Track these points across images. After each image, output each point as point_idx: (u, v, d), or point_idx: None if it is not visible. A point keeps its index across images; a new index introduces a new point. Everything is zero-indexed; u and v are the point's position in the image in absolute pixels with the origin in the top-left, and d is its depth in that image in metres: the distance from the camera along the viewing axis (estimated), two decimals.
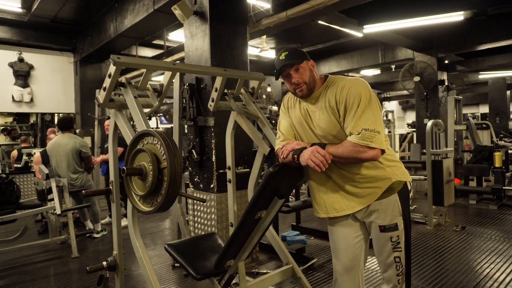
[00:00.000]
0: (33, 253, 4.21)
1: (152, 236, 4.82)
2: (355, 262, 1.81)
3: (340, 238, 1.82)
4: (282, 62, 1.69)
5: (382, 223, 1.72)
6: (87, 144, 4.77)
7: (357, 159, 1.59)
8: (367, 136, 1.55)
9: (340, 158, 1.61)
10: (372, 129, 1.56)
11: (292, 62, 1.68)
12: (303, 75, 1.69)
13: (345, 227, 1.81)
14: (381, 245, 1.76)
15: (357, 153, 1.56)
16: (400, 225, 1.73)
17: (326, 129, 1.68)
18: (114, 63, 1.76)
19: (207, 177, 3.57)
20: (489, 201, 6.01)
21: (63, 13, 6.22)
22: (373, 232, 1.77)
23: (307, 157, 1.56)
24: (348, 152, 1.58)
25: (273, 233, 2.34)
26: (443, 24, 6.51)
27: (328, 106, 1.67)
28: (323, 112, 1.69)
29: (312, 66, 1.75)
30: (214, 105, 2.39)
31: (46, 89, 7.47)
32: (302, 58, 1.70)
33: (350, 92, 1.61)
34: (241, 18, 3.80)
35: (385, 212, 1.71)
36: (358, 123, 1.57)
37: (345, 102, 1.61)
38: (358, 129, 1.56)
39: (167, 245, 2.14)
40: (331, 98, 1.66)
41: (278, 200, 1.77)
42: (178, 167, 1.46)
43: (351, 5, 4.79)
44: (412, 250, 3.88)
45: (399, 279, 1.77)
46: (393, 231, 1.72)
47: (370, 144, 1.55)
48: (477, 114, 18.45)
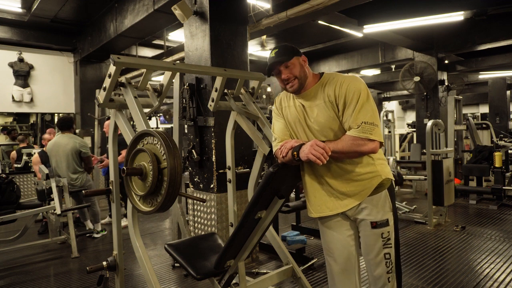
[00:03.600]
0: (33, 253, 4.21)
1: (152, 236, 4.82)
2: (351, 261, 1.81)
3: (334, 238, 1.82)
4: (271, 60, 1.73)
5: (374, 219, 1.72)
6: (87, 144, 4.77)
7: (357, 152, 1.62)
8: (367, 129, 1.59)
9: (340, 153, 1.63)
10: (371, 122, 1.60)
11: (281, 60, 1.70)
12: (293, 70, 1.71)
13: (338, 227, 1.81)
14: (371, 242, 1.75)
15: (357, 146, 1.60)
16: (390, 221, 1.74)
17: (325, 124, 1.70)
18: (114, 63, 1.76)
19: (207, 177, 3.57)
20: (489, 201, 6.01)
21: (63, 13, 6.22)
22: (364, 230, 1.76)
23: (307, 151, 1.56)
24: (348, 147, 1.60)
25: (273, 233, 2.34)
26: (443, 24, 6.51)
27: (328, 101, 1.69)
28: (322, 107, 1.70)
29: (304, 61, 1.76)
30: (214, 105, 2.39)
31: (46, 89, 7.47)
32: (292, 55, 1.72)
33: (349, 88, 1.64)
34: (241, 18, 3.80)
35: (377, 207, 1.72)
36: (358, 116, 1.61)
37: (344, 97, 1.64)
38: (357, 122, 1.60)
39: (167, 245, 2.15)
40: (330, 93, 1.68)
41: (278, 200, 1.77)
42: (178, 167, 1.46)
43: (351, 5, 4.78)
44: (412, 250, 3.88)
45: (390, 277, 1.75)
46: (384, 227, 1.72)
47: (370, 137, 1.59)
48: (477, 114, 18.45)
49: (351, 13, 5.81)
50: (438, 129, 4.97)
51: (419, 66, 7.57)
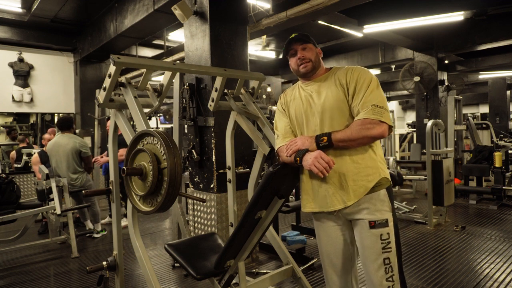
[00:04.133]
0: (33, 253, 4.21)
1: (152, 236, 4.82)
2: (347, 263, 1.78)
3: (330, 241, 1.79)
4: (290, 39, 1.79)
5: (372, 218, 1.65)
6: (87, 144, 4.77)
7: (366, 137, 1.60)
8: (377, 111, 1.60)
9: (350, 141, 1.61)
10: (381, 106, 1.62)
11: (301, 38, 1.78)
12: (308, 53, 1.78)
13: (334, 229, 1.77)
14: (369, 245, 1.65)
15: (367, 130, 1.59)
16: (390, 222, 1.67)
17: (334, 104, 1.69)
18: (114, 63, 1.76)
19: (207, 177, 3.57)
20: (489, 201, 6.01)
21: (63, 13, 6.22)
22: (361, 231, 1.68)
23: (310, 162, 1.57)
24: (357, 132, 1.60)
25: (273, 233, 2.34)
26: (443, 24, 6.51)
27: (339, 84, 1.72)
28: (332, 89, 1.73)
29: (319, 52, 1.83)
30: (214, 105, 2.39)
31: (46, 89, 7.47)
32: (310, 41, 1.80)
33: (360, 74, 1.69)
34: (241, 18, 3.80)
35: (375, 206, 1.66)
36: (368, 99, 1.63)
37: (355, 82, 1.68)
38: (367, 105, 1.62)
39: (167, 245, 2.14)
40: (341, 77, 1.73)
41: (278, 200, 1.77)
42: (178, 167, 1.46)
43: (351, 5, 4.78)
44: (412, 250, 3.88)
45: (390, 286, 1.62)
46: (383, 227, 1.64)
47: (380, 119, 1.59)
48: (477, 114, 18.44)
49: (351, 13, 5.81)
50: (438, 129, 4.97)
51: (419, 66, 7.57)
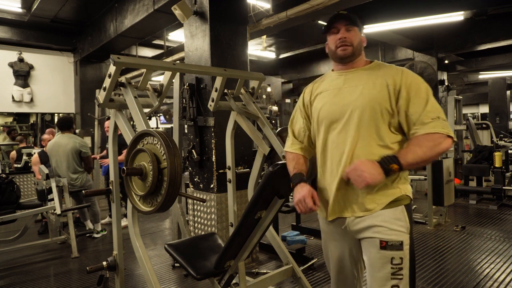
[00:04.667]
0: (33, 253, 4.20)
1: (152, 236, 4.82)
2: (348, 278, 1.66)
3: (334, 250, 1.66)
4: (336, 15, 1.57)
5: (384, 237, 1.44)
6: (87, 144, 4.77)
7: (438, 155, 1.43)
8: (445, 124, 1.42)
9: (421, 163, 1.43)
10: (444, 119, 1.44)
11: (348, 17, 1.56)
12: (352, 36, 1.56)
13: (341, 246, 1.63)
14: (377, 267, 1.45)
15: (438, 145, 1.40)
16: (405, 246, 1.44)
17: (367, 103, 1.50)
18: (114, 63, 1.76)
19: (207, 177, 3.57)
20: (489, 201, 6.01)
21: (63, 13, 6.22)
22: (369, 251, 1.48)
23: (296, 199, 1.52)
24: (430, 149, 1.40)
25: (273, 233, 2.34)
26: (443, 24, 6.50)
27: (384, 83, 1.51)
28: (370, 85, 1.53)
29: (363, 40, 1.62)
30: (214, 105, 2.39)
31: (46, 89, 7.47)
32: (358, 24, 1.59)
33: (413, 80, 1.50)
34: (241, 18, 3.80)
35: (390, 223, 1.45)
36: (431, 110, 1.44)
37: (408, 87, 1.48)
38: (432, 116, 1.42)
39: (167, 245, 2.15)
40: (388, 77, 1.52)
41: (278, 200, 1.77)
42: (178, 167, 1.46)
43: (351, 5, 4.78)
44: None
45: None
46: (396, 250, 1.42)
47: (449, 133, 1.41)
48: (477, 114, 18.46)
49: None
50: None
51: (419, 66, 7.57)
